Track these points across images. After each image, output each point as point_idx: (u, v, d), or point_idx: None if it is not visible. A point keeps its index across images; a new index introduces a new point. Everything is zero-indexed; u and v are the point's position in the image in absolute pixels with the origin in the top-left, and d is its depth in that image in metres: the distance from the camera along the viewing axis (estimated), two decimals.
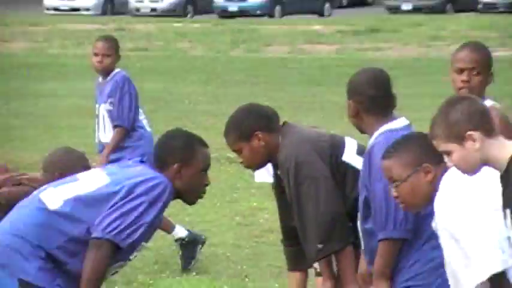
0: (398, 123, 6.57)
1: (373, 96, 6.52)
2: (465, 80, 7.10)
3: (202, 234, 12.34)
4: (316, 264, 7.76)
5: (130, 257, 6.45)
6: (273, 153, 7.22)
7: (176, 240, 12.08)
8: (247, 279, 11.40)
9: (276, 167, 7.41)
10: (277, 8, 58.80)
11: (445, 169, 5.41)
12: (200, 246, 12.23)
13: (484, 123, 4.81)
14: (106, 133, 12.65)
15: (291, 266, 8.21)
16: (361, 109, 6.76)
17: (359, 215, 6.54)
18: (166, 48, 40.62)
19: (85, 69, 30.85)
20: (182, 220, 12.35)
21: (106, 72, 12.61)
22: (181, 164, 6.28)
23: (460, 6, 60.60)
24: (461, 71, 7.23)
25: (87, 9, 61.99)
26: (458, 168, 5.08)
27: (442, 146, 5.00)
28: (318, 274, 7.93)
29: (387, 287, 6.34)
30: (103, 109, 12.82)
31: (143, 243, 6.44)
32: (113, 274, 6.60)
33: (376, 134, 6.37)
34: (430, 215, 5.76)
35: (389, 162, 5.80)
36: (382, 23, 52.71)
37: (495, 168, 5.05)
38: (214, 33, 47.43)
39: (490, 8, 58.13)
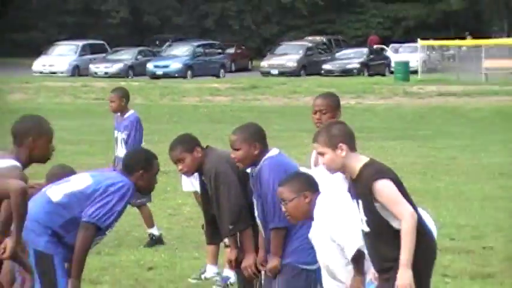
0: (273, 152, 7.11)
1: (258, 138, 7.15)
2: (318, 118, 7.41)
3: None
4: (226, 240, 8.16)
5: (106, 233, 6.82)
6: (201, 165, 7.61)
7: (149, 235, 12.30)
8: (177, 250, 11.73)
9: (201, 175, 7.77)
10: (189, 72, 57.56)
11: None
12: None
13: (351, 142, 5.35)
14: (121, 151, 12.64)
15: (208, 241, 8.97)
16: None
17: (256, 211, 7.18)
18: None
19: (62, 112, 34.96)
20: (131, 211, 11.29)
21: (120, 111, 12.73)
22: (144, 170, 6.81)
23: (310, 71, 56.44)
24: (315, 112, 7.57)
25: (62, 72, 60.78)
26: (326, 167, 5.53)
27: (320, 148, 5.42)
28: (226, 246, 8.37)
29: (279, 263, 6.73)
30: (120, 136, 13.05)
31: (113, 225, 6.82)
32: (95, 245, 6.84)
33: (262, 160, 6.95)
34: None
35: (282, 188, 6.16)
36: (260, 82, 50.64)
37: (350, 172, 5.50)
38: (148, 89, 47.25)
39: (329, 73, 56.91)
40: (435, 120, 33.68)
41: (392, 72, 55.37)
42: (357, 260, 5.76)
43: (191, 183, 11.44)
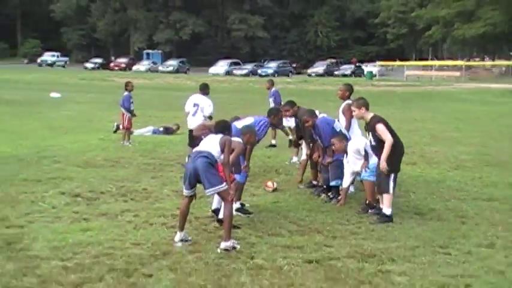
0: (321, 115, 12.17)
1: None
2: (340, 95, 12.83)
3: None
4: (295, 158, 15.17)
5: None
6: (296, 114, 12.85)
7: None
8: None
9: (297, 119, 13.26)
10: (276, 74, 68.51)
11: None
12: None
13: (367, 106, 10.20)
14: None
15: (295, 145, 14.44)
16: None
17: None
18: None
19: None
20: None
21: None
22: None
23: (329, 75, 73.50)
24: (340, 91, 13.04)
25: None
26: (356, 116, 10.86)
27: (354, 108, 10.39)
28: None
29: (331, 160, 11.75)
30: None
31: None
32: None
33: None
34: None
35: (333, 139, 11.41)
36: (307, 79, 64.93)
37: (365, 120, 10.27)
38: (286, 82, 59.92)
39: (337, 76, 69.79)
40: (385, 97, 44.21)
41: (365, 75, 72.56)
42: (365, 156, 10.89)
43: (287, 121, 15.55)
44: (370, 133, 10.14)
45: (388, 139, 9.74)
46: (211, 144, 8.85)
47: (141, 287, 7.11)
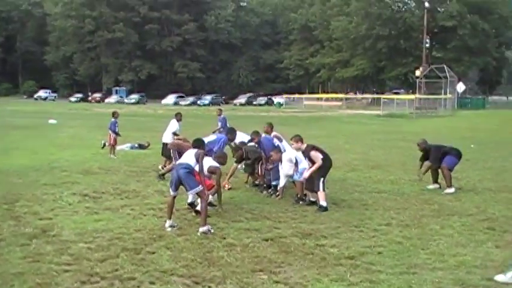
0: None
1: None
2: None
3: None
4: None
5: None
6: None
7: None
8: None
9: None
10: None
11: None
12: None
13: (301, 139, 10.28)
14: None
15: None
16: None
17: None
18: None
19: None
20: None
21: None
22: None
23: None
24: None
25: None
26: (295, 148, 10.57)
27: (294, 143, 10.39)
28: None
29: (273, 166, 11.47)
30: None
31: None
32: None
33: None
34: None
35: (272, 152, 11.28)
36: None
37: (301, 149, 10.41)
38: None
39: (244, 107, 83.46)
40: (291, 120, 42.23)
41: (275, 105, 72.73)
42: (295, 164, 10.76)
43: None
44: (306, 158, 10.25)
45: (318, 162, 9.96)
46: (189, 157, 8.89)
47: (149, 261, 7.02)
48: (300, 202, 10.69)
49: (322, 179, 10.08)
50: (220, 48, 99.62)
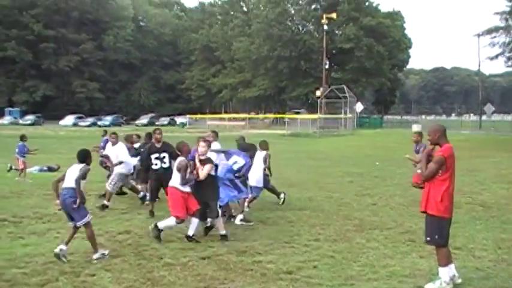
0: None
1: None
2: None
3: None
4: None
5: None
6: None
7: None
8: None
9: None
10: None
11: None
12: None
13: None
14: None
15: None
16: None
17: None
18: None
19: None
20: None
21: None
22: None
23: None
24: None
25: None
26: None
27: None
28: None
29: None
30: None
31: None
32: None
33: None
34: None
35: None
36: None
37: None
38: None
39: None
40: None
41: (178, 125, 72.17)
42: None
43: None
44: None
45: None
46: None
47: (91, 283, 7.03)
48: (231, 219, 10.84)
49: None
50: (120, 68, 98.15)
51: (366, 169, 22.02)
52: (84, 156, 8.25)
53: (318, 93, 65.79)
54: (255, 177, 12.01)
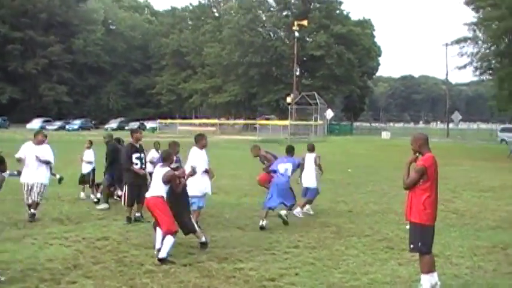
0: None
1: None
2: None
3: None
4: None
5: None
6: None
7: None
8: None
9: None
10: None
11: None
12: None
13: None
14: None
15: None
16: None
17: None
18: None
19: None
20: None
21: None
22: None
23: None
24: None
25: None
26: None
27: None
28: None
29: None
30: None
31: None
32: None
33: None
34: None
35: None
36: None
37: None
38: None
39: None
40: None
41: (147, 130, 70.88)
42: None
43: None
44: None
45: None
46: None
47: None
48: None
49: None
50: (89, 72, 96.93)
51: (338, 176, 22.16)
52: None
53: (289, 99, 66.11)
54: (309, 178, 12.83)
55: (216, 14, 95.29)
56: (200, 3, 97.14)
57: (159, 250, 8.41)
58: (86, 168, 14.86)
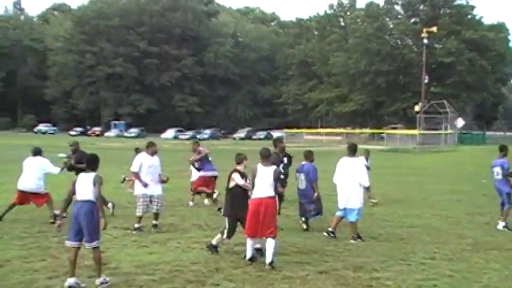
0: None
1: None
2: None
3: None
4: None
5: None
6: None
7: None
8: None
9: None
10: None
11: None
12: None
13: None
14: None
15: None
16: None
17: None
18: None
19: None
20: None
21: None
22: None
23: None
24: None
25: None
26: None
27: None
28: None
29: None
30: None
31: None
32: None
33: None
34: None
35: None
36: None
37: None
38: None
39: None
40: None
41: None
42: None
43: None
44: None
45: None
46: None
47: None
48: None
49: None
50: (219, 83, 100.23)
51: (472, 187, 21.37)
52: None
53: (417, 108, 64.17)
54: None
55: (342, 24, 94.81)
56: (326, 13, 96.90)
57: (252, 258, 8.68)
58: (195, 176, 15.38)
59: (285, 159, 12.64)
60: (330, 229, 10.83)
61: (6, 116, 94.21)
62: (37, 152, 12.68)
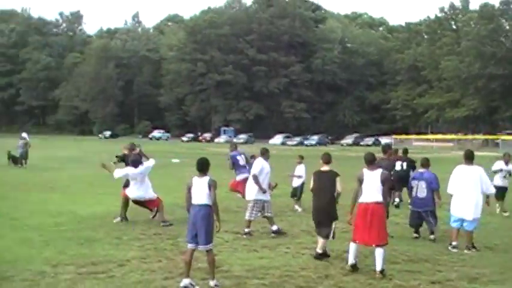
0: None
1: None
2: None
3: None
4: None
5: None
6: None
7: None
8: None
9: None
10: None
11: None
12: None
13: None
14: None
15: None
16: None
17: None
18: None
19: None
20: None
21: None
22: None
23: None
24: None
25: None
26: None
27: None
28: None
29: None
30: None
31: None
32: None
33: None
34: None
35: None
36: None
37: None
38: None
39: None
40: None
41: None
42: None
43: None
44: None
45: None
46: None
47: None
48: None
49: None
50: (326, 89, 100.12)
51: None
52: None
53: None
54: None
55: (454, 26, 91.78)
56: (437, 16, 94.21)
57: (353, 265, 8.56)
58: (296, 182, 15.18)
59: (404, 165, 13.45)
60: (454, 243, 10.25)
61: (125, 122, 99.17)
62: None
